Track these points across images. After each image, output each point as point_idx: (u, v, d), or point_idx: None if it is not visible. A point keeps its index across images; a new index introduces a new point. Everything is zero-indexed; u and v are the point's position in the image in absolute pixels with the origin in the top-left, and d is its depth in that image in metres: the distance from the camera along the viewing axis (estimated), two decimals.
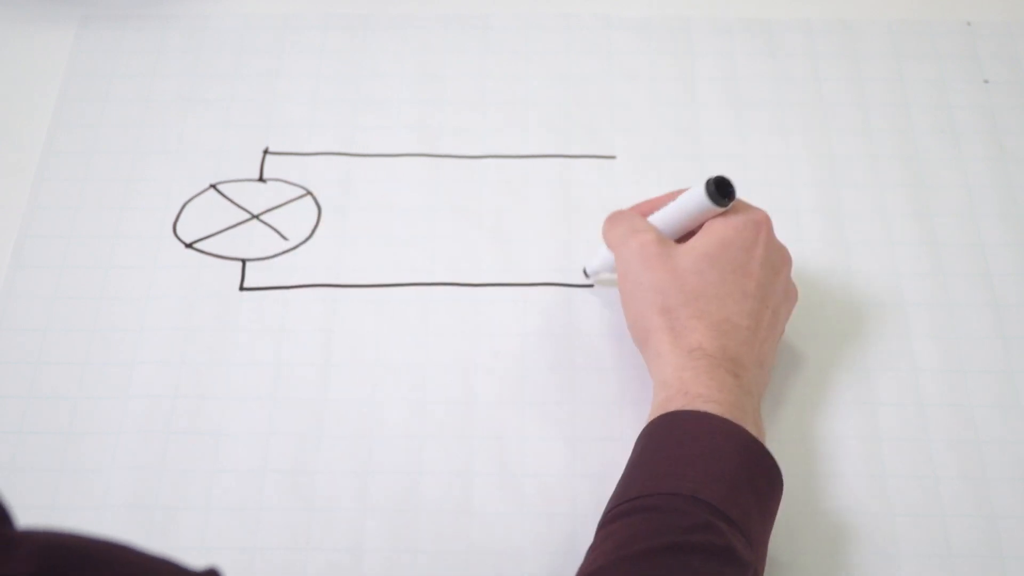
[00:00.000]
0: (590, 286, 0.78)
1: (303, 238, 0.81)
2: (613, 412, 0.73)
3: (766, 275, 0.69)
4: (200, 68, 0.89)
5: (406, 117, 0.87)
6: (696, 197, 0.69)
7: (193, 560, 0.47)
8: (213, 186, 0.83)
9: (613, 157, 0.85)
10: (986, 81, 0.88)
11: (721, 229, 0.69)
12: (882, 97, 0.88)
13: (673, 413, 0.64)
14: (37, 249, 0.80)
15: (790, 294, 0.72)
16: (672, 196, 0.72)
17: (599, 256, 0.76)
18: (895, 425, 0.72)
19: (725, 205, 0.69)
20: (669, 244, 0.70)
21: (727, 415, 0.63)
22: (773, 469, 0.63)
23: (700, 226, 0.70)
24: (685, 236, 0.71)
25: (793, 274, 0.72)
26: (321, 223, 0.81)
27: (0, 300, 0.77)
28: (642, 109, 0.87)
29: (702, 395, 0.64)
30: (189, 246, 0.80)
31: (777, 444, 0.71)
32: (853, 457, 0.71)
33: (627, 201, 0.76)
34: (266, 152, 0.85)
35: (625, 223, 0.72)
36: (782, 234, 0.72)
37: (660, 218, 0.72)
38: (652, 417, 0.66)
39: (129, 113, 0.87)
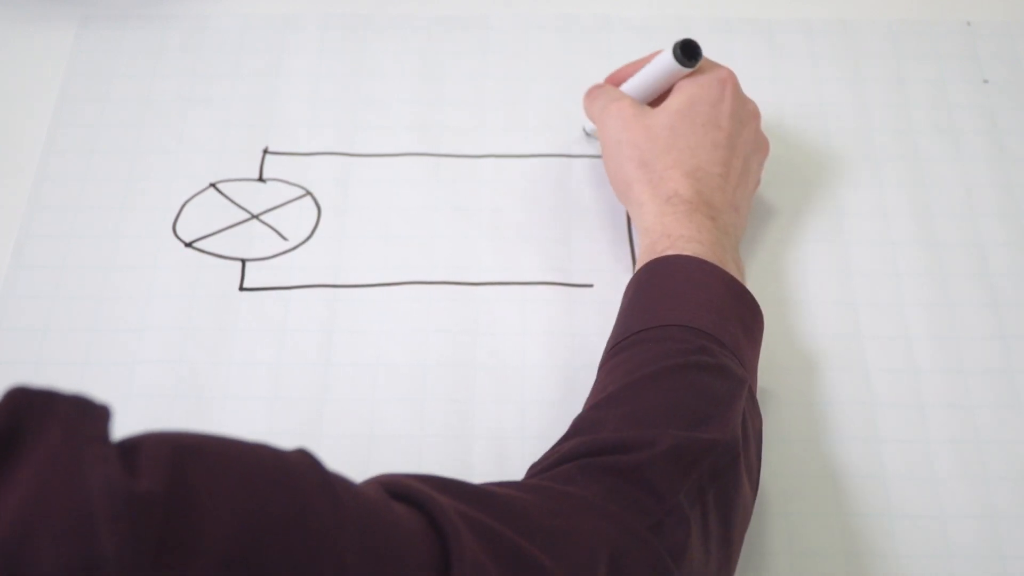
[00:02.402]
0: (590, 286, 0.78)
1: (303, 238, 0.81)
2: None
3: (734, 127, 0.75)
4: (200, 68, 0.89)
5: (406, 117, 0.87)
6: (664, 60, 0.75)
7: None
8: (213, 185, 0.83)
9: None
10: (986, 81, 0.89)
11: (689, 88, 0.75)
12: (882, 97, 0.88)
13: (658, 259, 0.69)
14: (37, 249, 0.80)
15: (760, 145, 0.78)
16: (643, 62, 0.78)
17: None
18: (895, 425, 0.72)
19: (691, 66, 0.75)
20: (643, 107, 0.76)
21: (708, 254, 0.68)
22: (752, 303, 0.68)
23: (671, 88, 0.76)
24: (660, 100, 0.77)
25: (791, 276, 0.72)
26: (321, 223, 0.81)
27: (0, 300, 0.77)
28: None
29: (683, 236, 0.69)
30: (189, 246, 0.80)
31: (776, 444, 0.71)
32: (853, 457, 0.71)
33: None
34: (266, 152, 0.85)
35: (603, 95, 0.78)
36: (782, 234, 0.72)
37: (633, 85, 0.78)
38: (640, 262, 0.71)
39: (129, 113, 0.87)
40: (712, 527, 0.58)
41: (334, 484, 0.45)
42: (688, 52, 0.74)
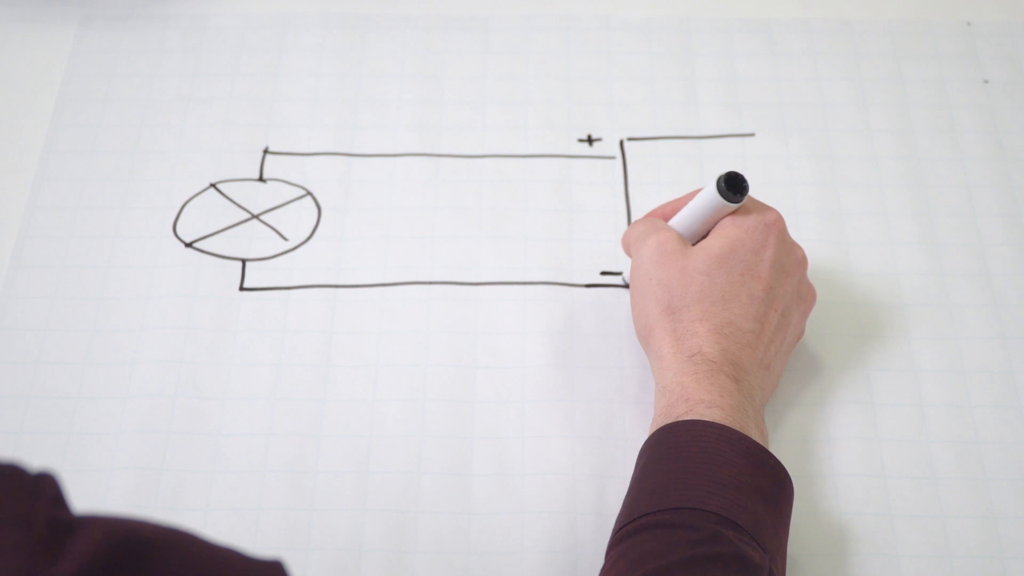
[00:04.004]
0: (590, 286, 0.78)
1: (303, 238, 0.81)
2: (613, 412, 0.73)
3: (775, 277, 0.69)
4: (200, 68, 0.89)
5: (406, 117, 0.87)
6: (708, 195, 0.69)
7: None
8: (213, 185, 0.83)
9: (613, 157, 0.85)
10: (986, 81, 0.88)
11: (731, 230, 0.69)
12: (882, 97, 0.88)
13: (672, 424, 0.64)
14: (37, 249, 0.80)
15: (805, 295, 0.71)
16: (689, 197, 0.72)
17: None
18: (895, 425, 0.72)
19: (737, 201, 0.68)
20: (685, 244, 0.70)
21: (728, 420, 0.63)
22: (778, 470, 0.63)
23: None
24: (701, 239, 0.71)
25: None
26: (321, 223, 0.81)
27: (0, 300, 0.77)
28: (642, 109, 0.87)
29: (703, 400, 0.64)
30: (189, 246, 0.80)
31: (776, 444, 0.71)
32: (853, 457, 0.71)
33: (625, 200, 0.76)
34: (266, 152, 0.85)
35: (644, 223, 0.72)
36: None
37: (678, 219, 0.71)
38: (654, 425, 0.66)
39: (129, 113, 0.87)
40: None
41: None
42: (733, 186, 0.68)
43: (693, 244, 0.70)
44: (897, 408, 0.73)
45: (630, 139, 0.85)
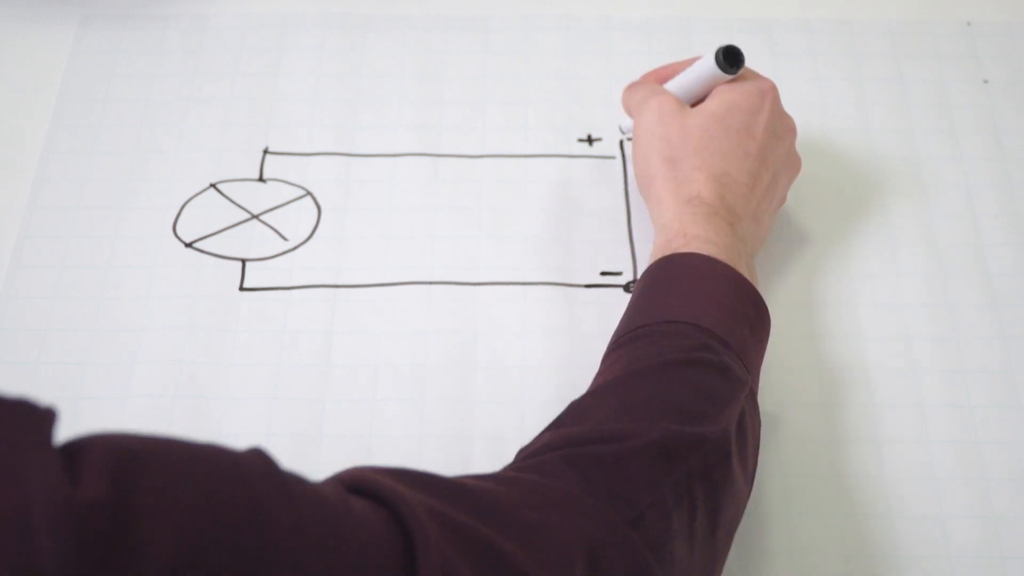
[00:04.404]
0: (590, 286, 0.78)
1: (303, 238, 0.81)
2: None
3: (768, 139, 0.74)
4: (200, 68, 0.89)
5: (405, 117, 0.87)
6: (707, 64, 0.75)
7: None
8: (213, 186, 0.83)
9: (613, 157, 0.85)
10: (986, 81, 0.88)
11: (728, 94, 0.74)
12: (882, 97, 0.88)
13: (671, 256, 0.68)
14: (37, 249, 0.80)
15: (792, 162, 0.77)
16: (684, 64, 0.78)
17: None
18: (895, 425, 0.72)
19: (733, 73, 0.74)
20: (683, 105, 0.75)
21: (722, 256, 0.68)
22: (760, 305, 0.68)
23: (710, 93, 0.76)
24: (697, 103, 0.76)
25: (792, 277, 0.72)
26: (321, 223, 0.81)
27: (0, 300, 0.77)
28: None
29: (699, 236, 0.69)
30: (189, 246, 0.80)
31: (776, 444, 0.71)
32: (853, 457, 0.71)
33: (625, 200, 0.76)
34: (266, 152, 0.85)
35: (644, 88, 0.78)
36: (782, 234, 0.72)
37: (673, 85, 0.77)
38: (653, 257, 0.70)
39: (129, 113, 0.87)
40: (699, 524, 0.58)
41: (289, 485, 0.44)
42: (730, 59, 0.74)
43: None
44: (897, 408, 0.73)
45: (630, 139, 0.85)
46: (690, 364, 0.62)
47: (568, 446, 0.57)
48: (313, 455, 0.71)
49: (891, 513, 0.69)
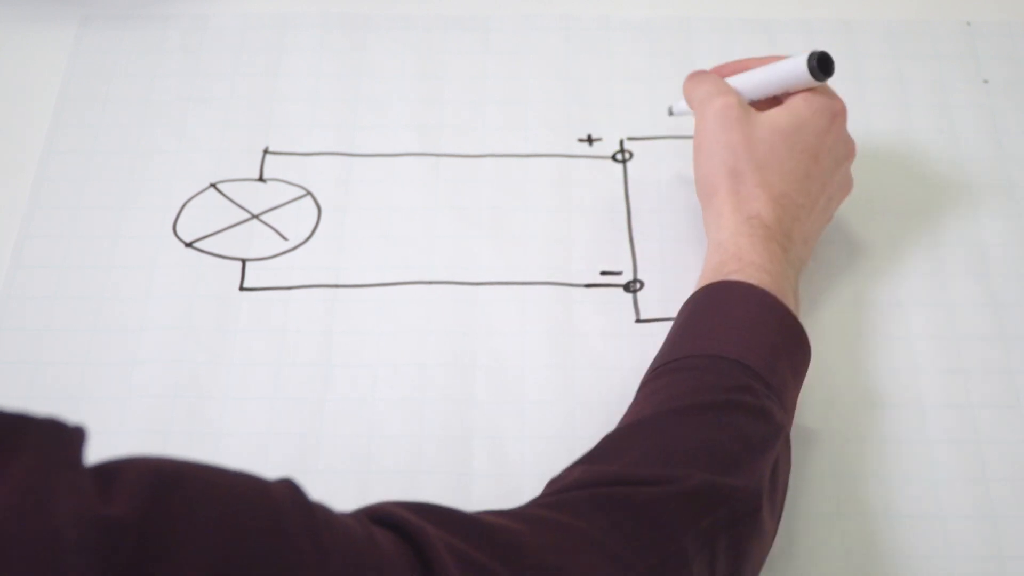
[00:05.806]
0: (590, 286, 0.78)
1: (303, 238, 0.81)
2: (613, 412, 0.72)
3: (830, 163, 0.73)
4: (200, 68, 0.89)
5: (406, 117, 0.87)
6: (793, 67, 0.72)
7: None
8: (213, 185, 0.83)
9: (613, 158, 0.85)
10: (985, 81, 0.89)
11: (801, 108, 0.72)
12: (882, 97, 0.88)
13: (720, 283, 0.67)
14: (37, 249, 0.80)
15: (846, 184, 0.76)
16: (761, 61, 0.75)
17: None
18: (895, 425, 0.72)
19: (822, 80, 0.72)
20: (749, 110, 0.73)
21: (774, 287, 0.67)
22: (805, 344, 0.67)
23: (775, 97, 0.74)
24: (763, 104, 0.74)
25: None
26: (321, 223, 0.81)
27: (0, 300, 0.77)
28: (642, 109, 0.87)
29: (754, 263, 0.67)
30: (189, 246, 0.80)
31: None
32: (853, 457, 0.71)
33: (625, 200, 0.76)
34: (266, 152, 0.85)
35: (709, 83, 0.75)
36: None
37: (746, 79, 0.75)
38: (704, 278, 0.69)
39: (129, 113, 0.87)
40: (719, 571, 0.57)
41: (316, 516, 0.45)
42: (823, 66, 0.71)
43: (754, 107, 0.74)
44: (897, 408, 0.73)
45: (630, 139, 0.85)
46: (729, 408, 0.61)
47: (599, 485, 0.57)
48: (313, 455, 0.71)
49: (891, 513, 0.69)
